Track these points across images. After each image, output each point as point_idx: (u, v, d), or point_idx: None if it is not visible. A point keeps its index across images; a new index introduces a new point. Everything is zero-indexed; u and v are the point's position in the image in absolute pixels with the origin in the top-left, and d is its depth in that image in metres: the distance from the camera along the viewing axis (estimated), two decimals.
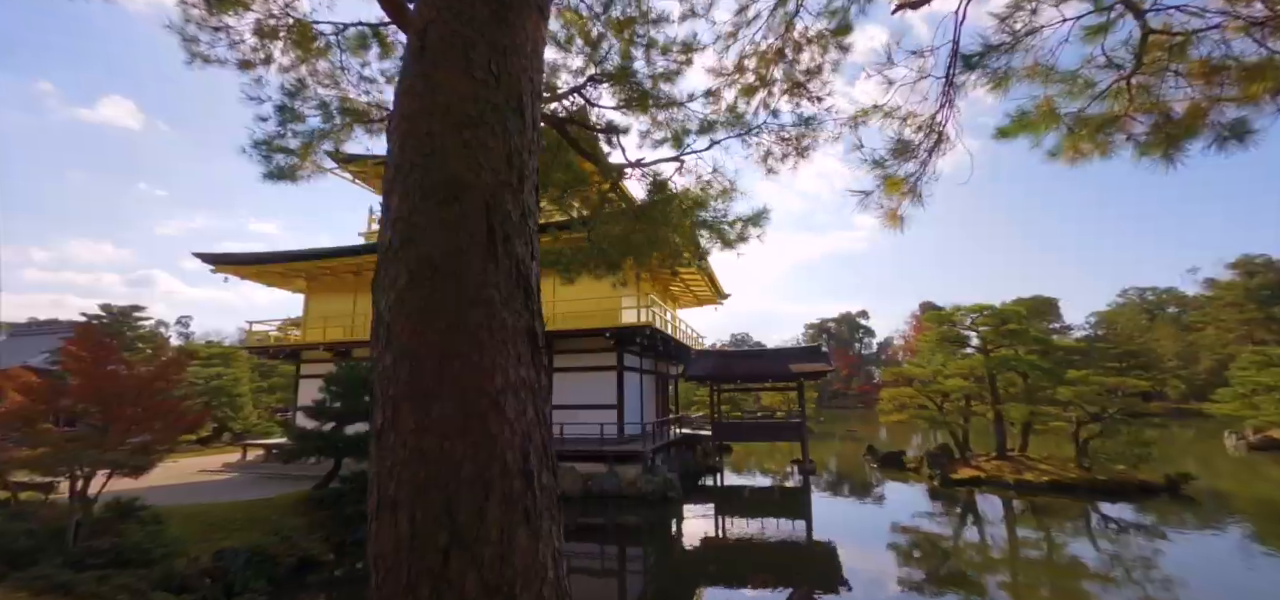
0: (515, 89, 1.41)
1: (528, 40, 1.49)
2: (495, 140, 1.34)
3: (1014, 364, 18.17)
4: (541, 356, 1.32)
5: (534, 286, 1.34)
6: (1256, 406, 24.11)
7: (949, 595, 8.82)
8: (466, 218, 1.23)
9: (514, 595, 1.07)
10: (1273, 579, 9.46)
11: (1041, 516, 13.67)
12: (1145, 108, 3.24)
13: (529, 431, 1.22)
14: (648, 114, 5.51)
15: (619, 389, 17.43)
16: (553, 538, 1.22)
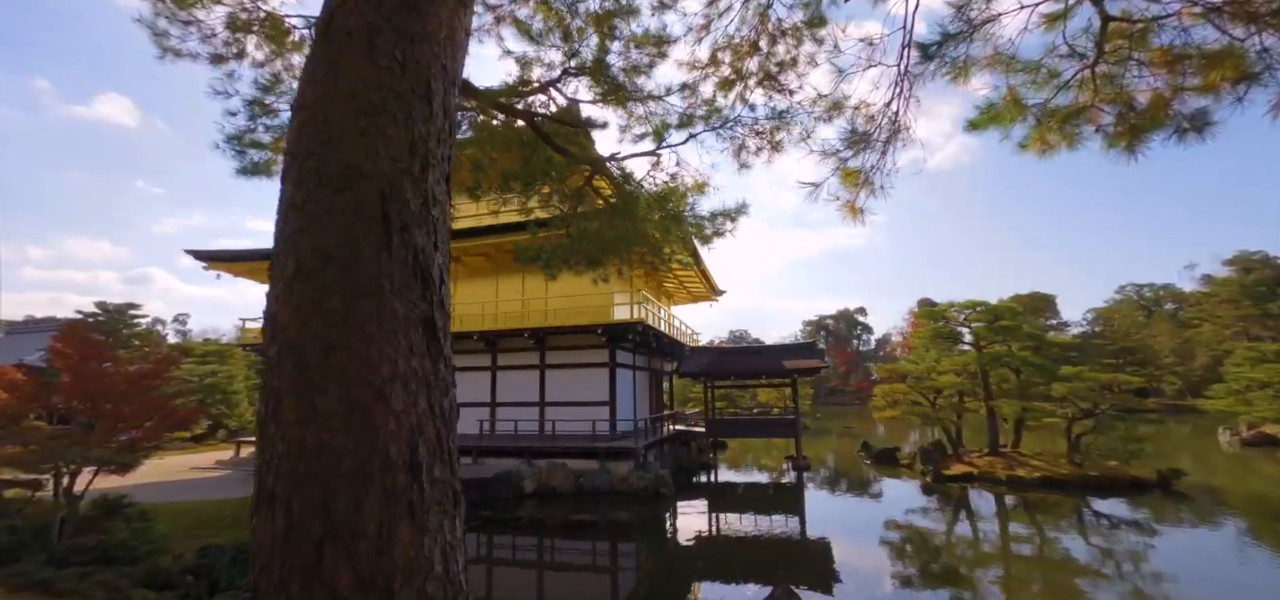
0: (422, 76, 1.38)
1: (441, 27, 1.47)
2: (396, 128, 1.31)
3: (1006, 360, 18.17)
4: (442, 347, 1.30)
5: (435, 276, 1.31)
6: (1250, 402, 24.11)
7: (934, 590, 8.82)
8: (360, 207, 1.20)
9: (392, 590, 1.04)
10: (1263, 573, 9.46)
11: (1032, 512, 13.69)
12: (1110, 98, 3.21)
13: (420, 424, 1.19)
14: (625, 108, 5.48)
15: (611, 386, 17.42)
16: (444, 532, 1.19)
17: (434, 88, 1.41)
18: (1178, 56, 2.91)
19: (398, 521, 1.08)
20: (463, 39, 1.59)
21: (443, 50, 1.47)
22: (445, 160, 1.45)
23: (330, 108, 1.28)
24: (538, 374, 18.40)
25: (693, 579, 9.99)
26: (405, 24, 1.40)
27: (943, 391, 18.94)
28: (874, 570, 9.90)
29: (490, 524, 13.42)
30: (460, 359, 19.28)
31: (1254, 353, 25.66)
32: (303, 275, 1.18)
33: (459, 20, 1.55)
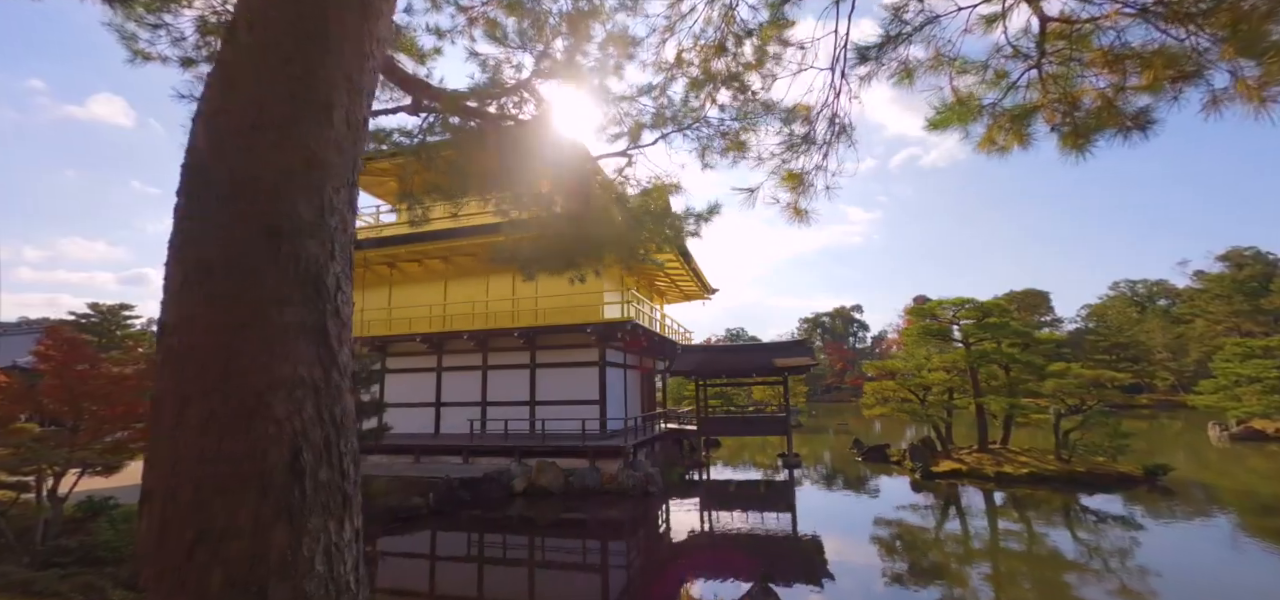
0: (321, 90, 1.42)
1: (346, 41, 1.50)
2: (290, 141, 1.34)
3: (995, 357, 18.25)
4: (335, 355, 1.33)
5: (329, 285, 1.34)
6: (1238, 398, 24.26)
7: (915, 583, 8.89)
8: (246, 218, 1.23)
9: (264, 589, 1.08)
10: (1237, 562, 9.55)
11: (1018, 508, 13.78)
12: (1058, 99, 3.26)
13: (305, 429, 1.23)
14: (596, 109, 5.52)
15: (601, 384, 17.47)
16: (329, 532, 1.23)
17: (335, 100, 1.44)
18: (1118, 57, 2.95)
19: (274, 522, 1.12)
20: (373, 49, 1.62)
21: (347, 63, 1.50)
22: (349, 169, 1.48)
23: (223, 121, 1.31)
24: (528, 373, 18.44)
25: (676, 575, 10.05)
26: (305, 39, 1.44)
27: (931, 388, 19.03)
28: (858, 564, 9.98)
29: (480, 523, 13.46)
30: (450, 358, 19.32)
31: (1242, 348, 25.81)
32: (188, 285, 1.21)
33: (368, 32, 1.59)
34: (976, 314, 18.81)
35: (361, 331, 20.02)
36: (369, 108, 1.66)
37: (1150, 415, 44.04)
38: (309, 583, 1.16)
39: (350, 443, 1.37)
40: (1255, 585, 8.65)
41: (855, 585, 9.04)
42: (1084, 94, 3.02)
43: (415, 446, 17.65)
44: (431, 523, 13.14)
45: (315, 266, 1.31)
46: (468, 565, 11.10)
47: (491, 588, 9.72)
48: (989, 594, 8.71)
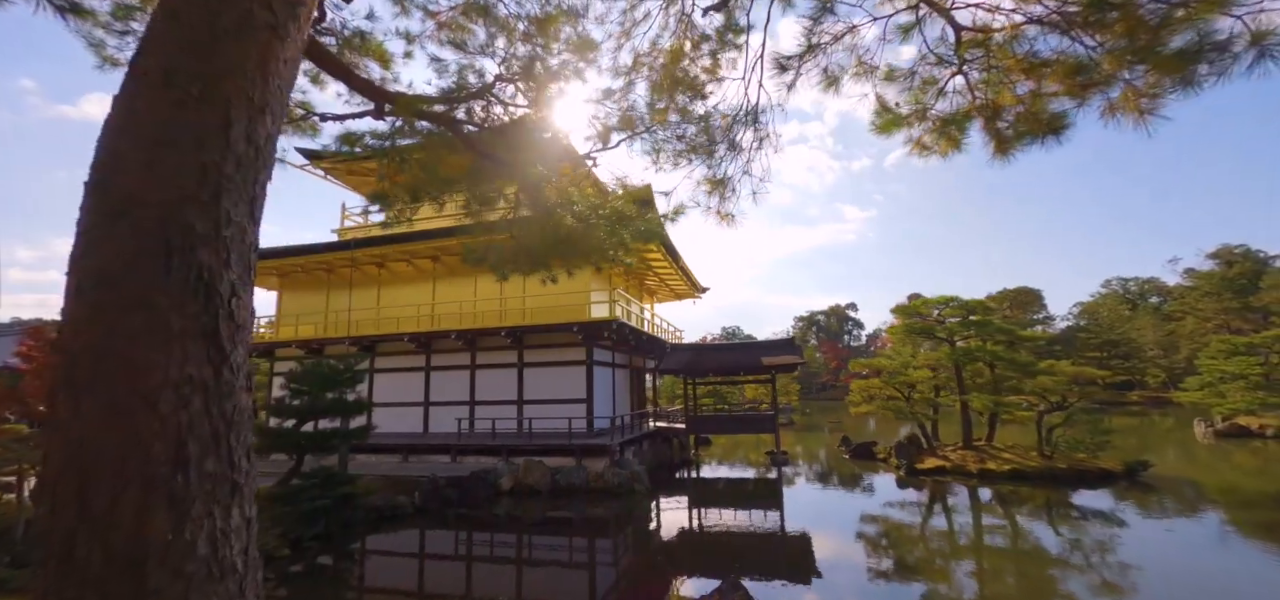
0: (220, 108, 1.52)
1: (248, 60, 1.60)
2: (185, 158, 1.45)
3: (979, 355, 18.43)
4: (226, 355, 1.44)
5: (223, 292, 1.45)
6: (1223, 394, 24.50)
7: (887, 576, 9.03)
8: (138, 231, 1.34)
9: (144, 573, 1.19)
10: (1205, 552, 9.71)
11: (995, 503, 13.96)
12: (981, 106, 3.38)
13: (191, 423, 1.34)
14: (559, 112, 5.62)
15: (588, 383, 17.58)
16: (215, 519, 1.34)
17: (234, 117, 1.55)
18: (1033, 65, 3.08)
19: (154, 511, 1.23)
20: (282, 67, 1.73)
21: (249, 82, 1.60)
22: (250, 184, 1.59)
23: (121, 140, 1.42)
24: (516, 372, 18.54)
25: (656, 572, 10.17)
26: (205, 61, 1.54)
27: (916, 386, 19.20)
28: (835, 559, 10.14)
29: (466, 521, 13.56)
30: (438, 358, 19.39)
31: (1227, 345, 26.06)
32: (82, 293, 1.32)
33: (275, 52, 1.69)
34: (961, 312, 18.99)
35: (350, 331, 20.09)
36: (276, 124, 1.76)
37: (1141, 412, 44.39)
38: (190, 564, 1.27)
39: (242, 437, 1.48)
40: (1218, 572, 8.81)
41: (830, 579, 9.18)
42: (1005, 101, 3.14)
43: (403, 446, 17.74)
44: (417, 522, 13.23)
45: (209, 275, 1.42)
46: (450, 564, 11.20)
47: (472, 586, 9.83)
48: (961, 585, 8.86)
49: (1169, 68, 2.34)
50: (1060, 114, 3.14)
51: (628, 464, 16.35)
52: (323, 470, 12.00)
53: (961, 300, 19.06)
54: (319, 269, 21.00)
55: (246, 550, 1.42)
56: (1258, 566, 9.36)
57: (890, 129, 3.75)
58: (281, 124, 1.84)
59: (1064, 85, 2.94)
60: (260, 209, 1.66)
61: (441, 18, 5.74)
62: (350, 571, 10.52)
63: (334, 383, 12.86)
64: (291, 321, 21.39)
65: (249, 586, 1.43)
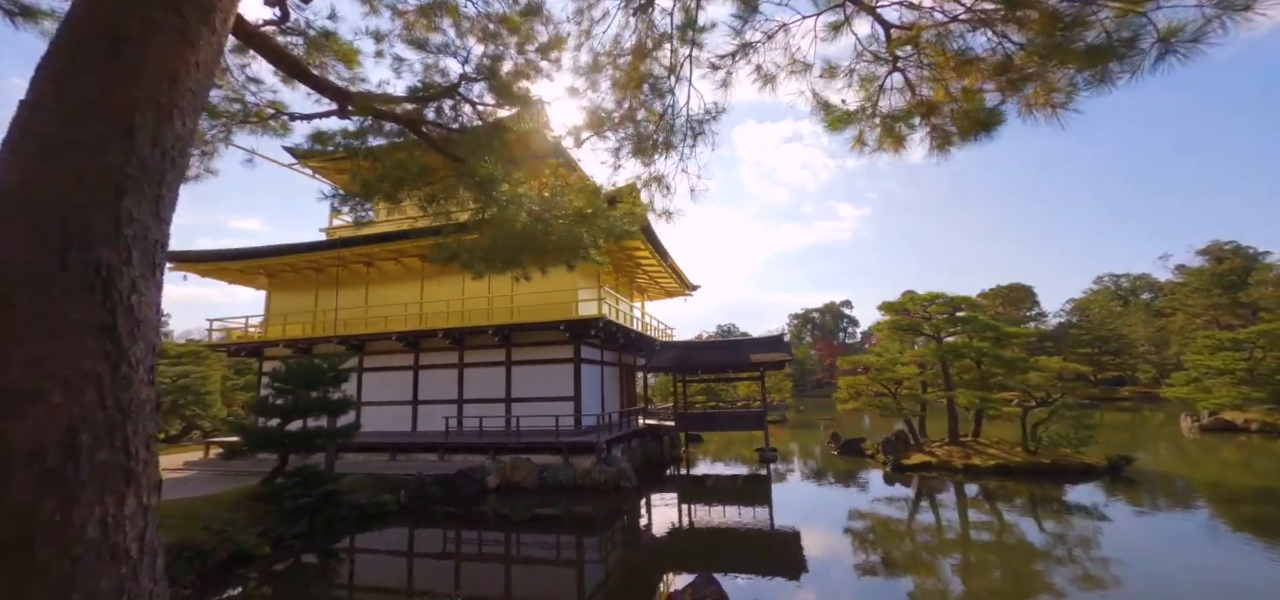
0: (123, 113, 1.56)
1: (151, 66, 1.64)
2: (88, 161, 1.49)
3: (965, 351, 18.54)
4: (124, 349, 1.48)
5: (123, 287, 1.49)
6: (1208, 389, 24.71)
7: (862, 568, 9.12)
8: (37, 229, 1.38)
9: (31, 549, 1.24)
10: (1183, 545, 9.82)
11: (976, 498, 14.08)
12: (917, 103, 3.43)
13: (84, 414, 1.39)
14: (523, 111, 5.66)
15: (576, 381, 17.62)
16: (107, 505, 1.39)
17: (138, 122, 1.59)
18: (964, 61, 3.13)
19: (44, 495, 1.28)
20: (193, 70, 1.77)
21: (155, 87, 1.65)
22: (155, 184, 1.63)
23: (25, 142, 1.46)
24: (504, 370, 18.57)
25: (640, 567, 10.23)
26: (107, 67, 1.59)
27: (903, 383, 19.31)
28: (814, 552, 10.24)
29: (451, 519, 13.59)
30: (427, 356, 19.40)
31: (1212, 341, 26.27)
32: None
33: (184, 56, 1.73)
34: (947, 309, 19.10)
35: (339, 330, 20.08)
36: (188, 125, 1.80)
37: (1132, 408, 44.65)
38: (79, 547, 1.32)
39: (140, 427, 1.52)
40: (1187, 563, 8.93)
41: (810, 572, 9.27)
42: (939, 98, 3.19)
43: (391, 444, 17.76)
44: (402, 520, 13.25)
45: (108, 271, 1.46)
46: (434, 562, 11.24)
47: (454, 584, 9.87)
48: (938, 578, 8.94)
49: (1081, 63, 2.39)
50: (994, 111, 3.20)
51: (614, 461, 16.40)
52: (306, 469, 12.01)
53: (948, 297, 19.17)
54: (307, 268, 20.98)
55: (142, 536, 1.47)
56: (1230, 558, 9.48)
57: (839, 126, 3.80)
58: (195, 123, 1.88)
59: (994, 82, 3.00)
60: (168, 207, 1.71)
61: (408, 16, 5.77)
62: (334, 570, 10.55)
63: (318, 381, 12.87)
64: (280, 321, 21.37)
65: (144, 571, 1.48)
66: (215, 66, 1.99)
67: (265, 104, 6.00)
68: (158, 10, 1.67)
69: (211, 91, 5.81)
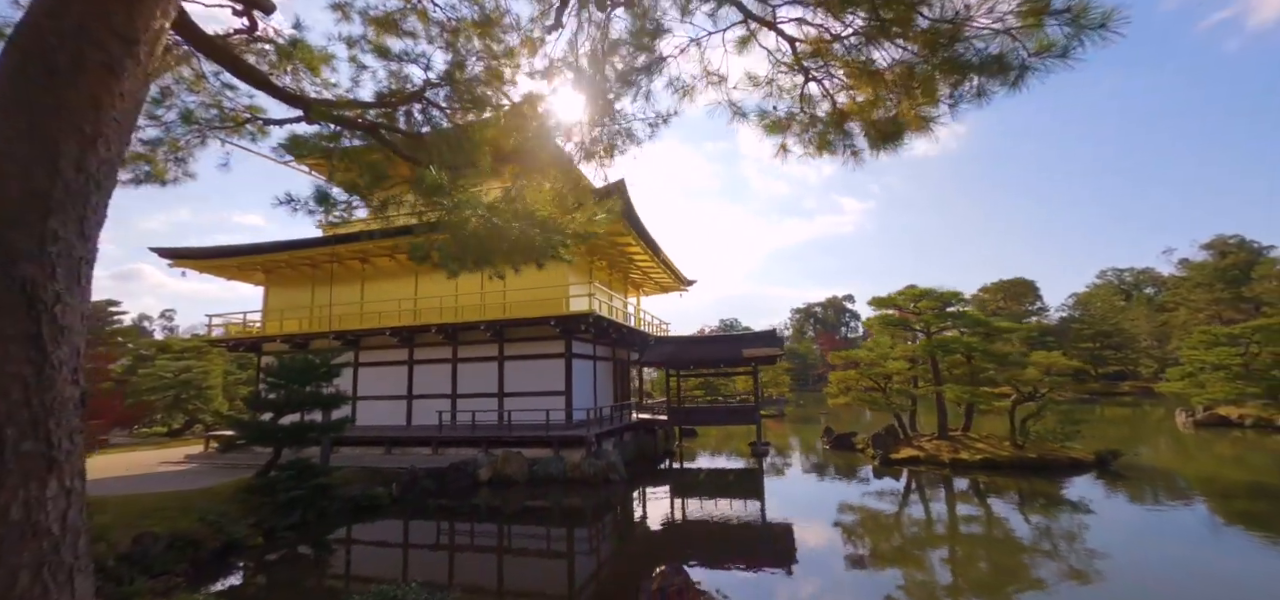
0: (48, 142, 1.77)
1: (80, 96, 1.84)
2: (11, 185, 1.70)
3: (954, 346, 18.65)
4: (48, 354, 1.69)
5: (47, 299, 1.71)
6: (1202, 384, 24.71)
7: (839, 556, 9.32)
8: None
9: None
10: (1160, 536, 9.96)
11: (960, 492, 14.23)
12: (831, 114, 3.60)
13: (10, 412, 1.60)
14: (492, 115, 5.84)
15: (567, 376, 17.86)
16: (30, 489, 1.60)
17: (63, 149, 1.79)
18: (867, 73, 3.29)
19: None
20: (118, 100, 1.96)
21: (81, 116, 1.85)
22: (80, 205, 1.83)
23: None
24: (497, 365, 18.83)
25: (620, 557, 10.46)
26: (32, 97, 1.79)
27: (892, 377, 19.44)
28: (795, 542, 10.46)
29: (442, 512, 13.87)
30: (421, 352, 19.68)
31: (1207, 336, 26.24)
32: None
33: (109, 87, 1.93)
34: (936, 304, 19.20)
35: (335, 326, 20.37)
36: (113, 151, 2.00)
37: (1133, 402, 44.58)
38: (3, 527, 1.54)
39: (62, 421, 1.73)
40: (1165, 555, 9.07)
41: (796, 562, 9.48)
42: (850, 108, 3.36)
43: (386, 438, 18.07)
44: (395, 513, 13.54)
45: (32, 286, 1.67)
46: (422, 553, 11.52)
47: (440, 573, 10.14)
48: (915, 564, 9.12)
49: (960, 76, 2.56)
50: (896, 122, 3.36)
51: (605, 454, 16.64)
52: (299, 462, 12.30)
53: (937, 292, 19.26)
54: (304, 264, 21.27)
55: (64, 517, 1.68)
56: (1209, 550, 9.61)
57: (775, 132, 3.97)
58: (122, 148, 2.08)
59: (894, 94, 3.16)
60: (93, 226, 1.91)
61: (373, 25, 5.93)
62: (327, 560, 10.82)
63: (310, 377, 13.15)
64: (278, 316, 21.70)
65: (66, 548, 1.69)
66: (142, 94, 2.18)
67: (242, 109, 6.21)
68: (87, 45, 1.86)
69: (190, 98, 6.03)
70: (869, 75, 3.04)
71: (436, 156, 5.38)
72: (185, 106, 6.00)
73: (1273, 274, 46.94)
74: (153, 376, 25.38)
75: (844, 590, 8.42)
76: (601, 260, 22.20)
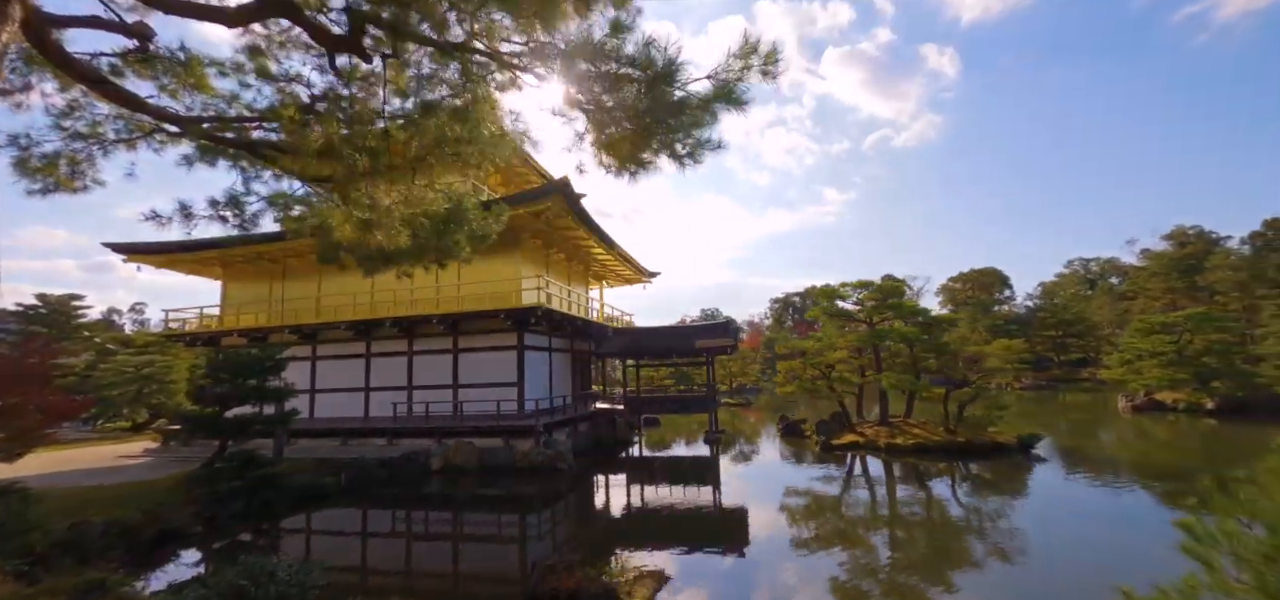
0: None
1: None
2: None
3: (893, 336, 19.40)
4: None
5: None
6: (1139, 371, 25.82)
7: (764, 529, 9.97)
8: None
9: None
10: (1056, 510, 10.73)
11: (890, 474, 15.03)
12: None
13: None
14: None
15: (520, 367, 18.32)
16: None
17: None
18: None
19: None
20: None
21: None
22: None
23: None
24: (451, 358, 19.25)
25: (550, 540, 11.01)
26: None
27: (835, 367, 20.18)
28: (728, 520, 11.13)
29: (393, 501, 14.29)
30: (378, 345, 20.03)
31: (1144, 325, 27.36)
32: None
33: None
34: (877, 296, 19.93)
35: (293, 320, 20.62)
36: None
37: (1092, 388, 46.06)
38: None
39: None
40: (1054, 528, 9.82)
41: (716, 539, 10.10)
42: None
43: (343, 430, 18.45)
44: (342, 502, 13.96)
45: None
46: (356, 539, 12.00)
47: (378, 558, 10.64)
48: (823, 530, 9.79)
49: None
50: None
51: (554, 444, 17.18)
52: (242, 453, 12.66)
53: (877, 284, 19.98)
54: (262, 259, 21.43)
55: None
56: (1096, 524, 10.40)
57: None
58: None
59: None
60: None
61: (252, 49, 6.25)
62: (269, 548, 11.21)
63: (255, 371, 13.48)
64: (236, 310, 21.87)
65: None
66: None
67: (148, 121, 6.57)
68: None
69: (99, 110, 6.36)
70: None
71: (310, 169, 5.82)
72: (93, 118, 6.35)
73: (1225, 264, 48.58)
74: (114, 371, 25.37)
75: (769, 563, 8.94)
76: (559, 253, 22.62)
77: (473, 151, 5.34)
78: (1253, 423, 21.51)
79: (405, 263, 7.54)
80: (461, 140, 5.10)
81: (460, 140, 5.09)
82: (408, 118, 5.45)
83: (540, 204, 16.31)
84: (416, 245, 6.80)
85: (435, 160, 5.68)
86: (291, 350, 20.78)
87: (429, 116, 5.10)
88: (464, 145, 5.14)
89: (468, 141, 5.26)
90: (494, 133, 4.83)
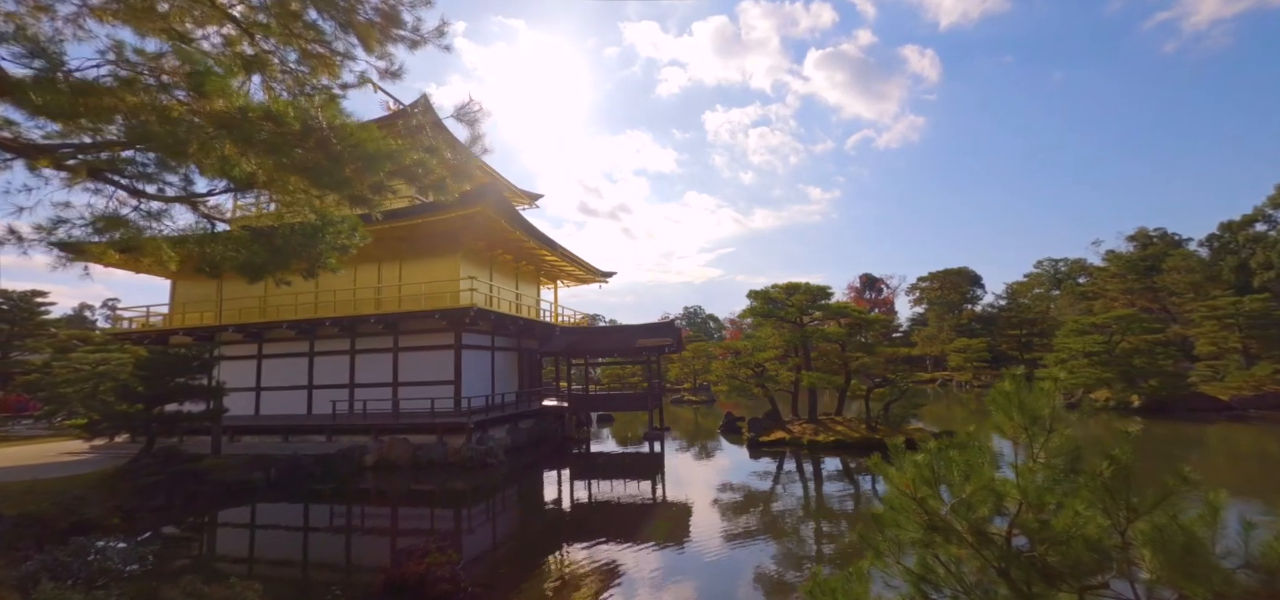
0: None
1: None
2: None
3: (830, 337, 20.14)
4: None
5: None
6: (1072, 370, 26.79)
7: (674, 515, 10.62)
8: None
9: None
10: None
11: (805, 468, 15.80)
12: None
13: None
14: None
15: (457, 365, 18.87)
16: None
17: None
18: None
19: None
20: None
21: None
22: None
23: None
24: (392, 357, 19.76)
25: (468, 532, 11.59)
26: None
27: (765, 367, 20.91)
28: (647, 510, 11.81)
29: (322, 495, 14.77)
30: (321, 344, 20.50)
31: (1077, 324, 28.34)
32: None
33: None
34: (807, 298, 20.67)
35: (235, 319, 21.03)
36: None
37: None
38: None
39: None
40: None
41: (625, 531, 10.72)
42: None
43: (284, 426, 18.92)
44: (269, 496, 14.45)
45: None
46: (275, 532, 12.53)
47: (292, 549, 11.18)
48: (737, 515, 10.45)
49: None
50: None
51: (487, 440, 17.78)
52: (164, 449, 13.16)
53: (809, 286, 20.71)
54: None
55: None
56: None
57: None
58: None
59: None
60: None
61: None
62: (186, 540, 11.69)
63: (182, 369, 13.97)
64: (183, 309, 22.23)
65: None
66: None
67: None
68: None
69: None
70: None
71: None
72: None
73: (1180, 266, 49.97)
74: (69, 369, 25.61)
75: (676, 545, 9.55)
76: (506, 254, 23.15)
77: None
78: (1171, 420, 22.54)
79: (278, 272, 8.15)
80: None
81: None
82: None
83: (468, 208, 16.84)
84: (278, 256, 7.39)
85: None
86: (238, 348, 21.27)
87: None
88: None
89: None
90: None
